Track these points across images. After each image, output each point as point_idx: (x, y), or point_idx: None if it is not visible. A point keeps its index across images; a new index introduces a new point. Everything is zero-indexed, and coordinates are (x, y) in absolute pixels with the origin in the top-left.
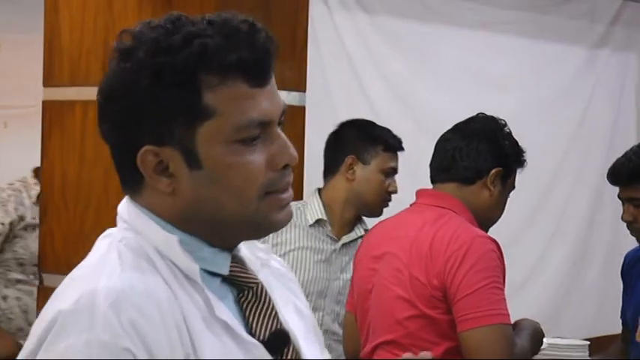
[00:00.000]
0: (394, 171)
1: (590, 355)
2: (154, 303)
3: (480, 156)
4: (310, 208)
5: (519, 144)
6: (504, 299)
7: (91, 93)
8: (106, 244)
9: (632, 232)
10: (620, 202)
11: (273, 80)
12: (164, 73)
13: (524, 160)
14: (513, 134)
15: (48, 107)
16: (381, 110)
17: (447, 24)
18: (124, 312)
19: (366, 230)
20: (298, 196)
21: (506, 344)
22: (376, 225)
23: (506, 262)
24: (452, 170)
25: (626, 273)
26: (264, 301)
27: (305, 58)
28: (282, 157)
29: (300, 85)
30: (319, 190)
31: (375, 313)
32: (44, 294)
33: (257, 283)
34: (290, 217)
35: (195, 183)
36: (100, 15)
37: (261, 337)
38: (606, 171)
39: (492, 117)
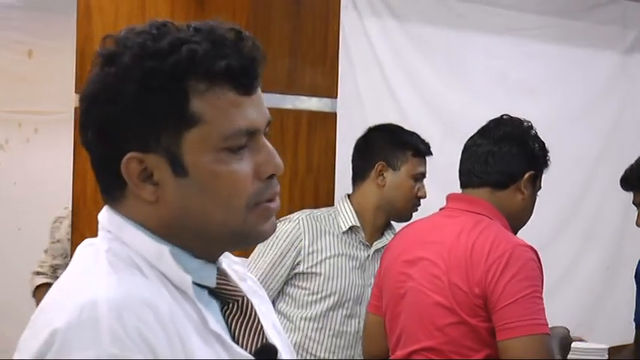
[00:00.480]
0: (423, 176)
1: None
2: (153, 313)
3: (513, 160)
4: (342, 214)
5: (545, 145)
6: (544, 309)
7: None
8: (90, 253)
9: None
10: None
11: (259, 89)
12: (151, 78)
13: (550, 161)
14: (545, 140)
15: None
16: (410, 115)
17: (475, 30)
18: (129, 322)
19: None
20: (330, 201)
21: (547, 355)
22: (404, 228)
23: None
24: (485, 175)
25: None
26: (250, 315)
27: (336, 65)
28: (268, 166)
29: (331, 92)
30: (348, 195)
31: (410, 319)
32: None
33: (242, 297)
34: (274, 227)
35: (181, 191)
36: (133, 21)
37: (248, 351)
38: None
39: (519, 119)
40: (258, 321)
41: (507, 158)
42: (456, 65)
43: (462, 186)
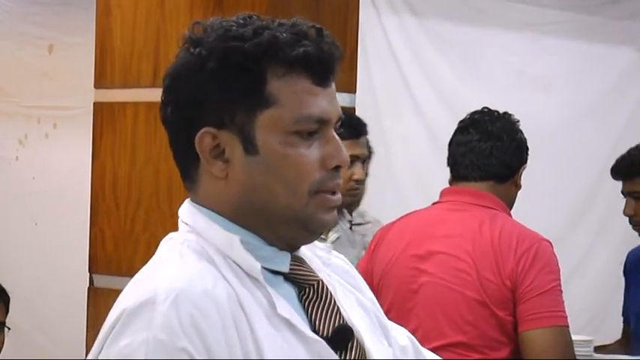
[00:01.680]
0: (356, 158)
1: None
2: (213, 302)
3: (514, 153)
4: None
5: None
6: (564, 302)
7: (142, 95)
8: (167, 247)
9: (634, 227)
10: None
11: (334, 85)
12: (232, 57)
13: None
14: (561, 135)
15: (99, 109)
16: (426, 112)
17: (492, 25)
18: (183, 311)
19: (350, 222)
20: None
21: (568, 347)
22: (398, 222)
23: None
24: (490, 168)
25: (628, 272)
26: (326, 298)
27: (355, 60)
28: (335, 158)
29: (350, 87)
30: None
31: (430, 315)
32: (95, 295)
33: (317, 281)
34: (336, 220)
35: (249, 168)
36: (152, 17)
37: (325, 334)
38: None
39: (506, 112)
40: (334, 303)
41: (509, 152)
42: (473, 61)
43: (460, 179)
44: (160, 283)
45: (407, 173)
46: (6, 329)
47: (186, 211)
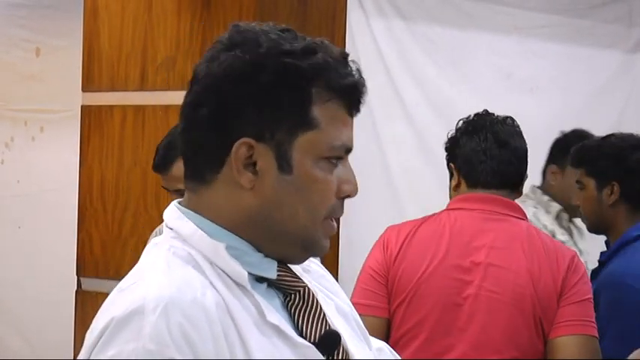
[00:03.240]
0: None
1: None
2: (202, 311)
3: (526, 161)
4: None
5: None
6: None
7: (129, 98)
8: (153, 253)
9: (582, 219)
10: None
11: None
12: (288, 75)
13: None
14: (550, 138)
15: (86, 112)
16: (416, 115)
17: (481, 29)
18: (173, 321)
19: None
20: None
21: (599, 356)
22: (432, 227)
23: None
24: (509, 176)
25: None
26: (312, 304)
27: None
28: (348, 186)
29: None
30: None
31: (481, 329)
32: (82, 298)
33: (304, 287)
34: (328, 248)
35: (279, 186)
36: (139, 20)
37: (312, 340)
38: None
39: (508, 117)
40: (321, 309)
41: (524, 160)
42: (461, 64)
43: (479, 186)
44: (148, 291)
45: (399, 176)
46: None
47: (172, 215)
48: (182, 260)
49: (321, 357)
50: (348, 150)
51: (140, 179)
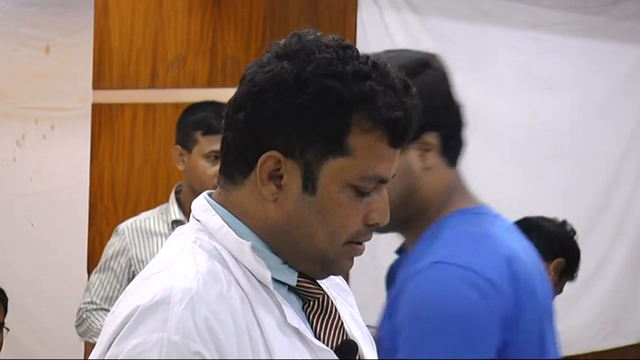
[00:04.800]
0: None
1: None
2: (227, 306)
3: None
4: (170, 210)
5: None
6: None
7: (140, 95)
8: (178, 243)
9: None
10: None
11: None
12: (328, 97)
13: None
14: (571, 136)
15: (97, 110)
16: None
17: (495, 25)
18: (199, 314)
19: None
20: None
21: None
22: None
23: None
24: None
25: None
26: (331, 312)
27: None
28: (378, 216)
29: None
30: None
31: None
32: None
33: (323, 294)
34: (351, 266)
35: (301, 205)
36: (150, 18)
37: (329, 347)
38: None
39: None
40: (339, 318)
41: None
42: (478, 61)
43: None
44: (175, 282)
45: None
46: (5, 330)
47: (200, 205)
48: (208, 254)
49: None
50: (383, 181)
51: (151, 177)
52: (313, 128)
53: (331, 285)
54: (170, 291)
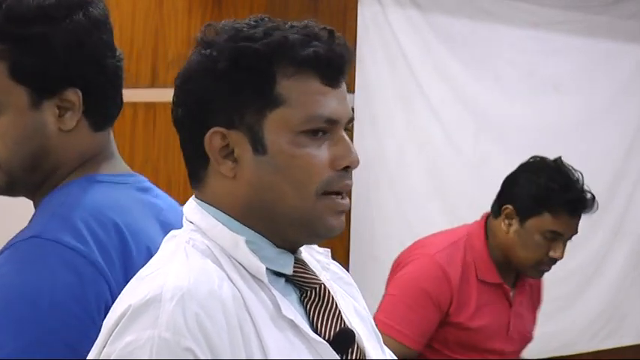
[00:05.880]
0: None
1: None
2: (219, 303)
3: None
4: None
5: None
6: None
7: (140, 95)
8: (172, 244)
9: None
10: None
11: (344, 86)
12: (242, 57)
13: None
14: (575, 135)
15: None
16: (438, 108)
17: (498, 23)
18: (189, 311)
19: None
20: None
21: None
22: None
23: (570, 265)
24: None
25: None
26: (328, 301)
27: (354, 60)
28: (345, 158)
29: (349, 86)
30: None
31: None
32: None
33: (320, 284)
34: (343, 226)
35: (258, 168)
36: (150, 17)
37: (326, 337)
38: None
39: None
40: (336, 307)
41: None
42: (481, 59)
43: None
44: (166, 280)
45: (423, 172)
46: None
47: (191, 209)
48: (201, 253)
49: (335, 354)
50: (332, 121)
51: (151, 176)
52: (240, 91)
53: (335, 279)
54: (161, 289)
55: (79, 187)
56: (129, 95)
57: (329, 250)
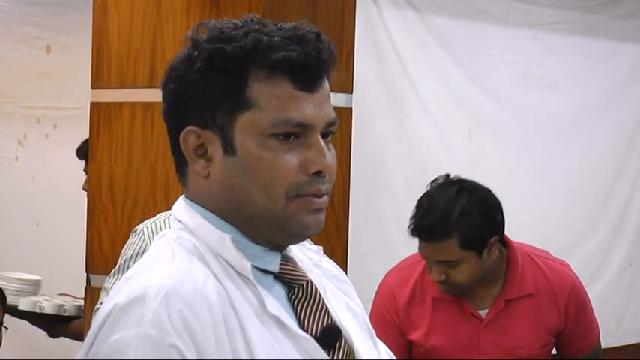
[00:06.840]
0: None
1: None
2: (204, 300)
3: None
4: None
5: None
6: None
7: (139, 95)
8: (160, 243)
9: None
10: None
11: (324, 89)
12: (216, 59)
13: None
14: (570, 136)
15: (96, 109)
16: (432, 108)
17: (494, 23)
18: (173, 308)
19: None
20: (346, 197)
21: None
22: None
23: (569, 264)
24: None
25: None
26: (315, 298)
27: (352, 60)
28: (316, 163)
29: (347, 87)
30: None
31: None
32: (92, 295)
33: (307, 281)
34: (319, 223)
35: (227, 169)
36: (149, 16)
37: (314, 333)
38: None
39: None
40: (323, 303)
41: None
42: (477, 59)
43: None
44: (151, 280)
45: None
46: (3, 329)
47: (180, 208)
48: (187, 251)
49: (321, 350)
50: (303, 125)
51: (149, 176)
52: (212, 92)
53: (328, 276)
54: (146, 288)
55: None
56: (127, 95)
57: (321, 247)
